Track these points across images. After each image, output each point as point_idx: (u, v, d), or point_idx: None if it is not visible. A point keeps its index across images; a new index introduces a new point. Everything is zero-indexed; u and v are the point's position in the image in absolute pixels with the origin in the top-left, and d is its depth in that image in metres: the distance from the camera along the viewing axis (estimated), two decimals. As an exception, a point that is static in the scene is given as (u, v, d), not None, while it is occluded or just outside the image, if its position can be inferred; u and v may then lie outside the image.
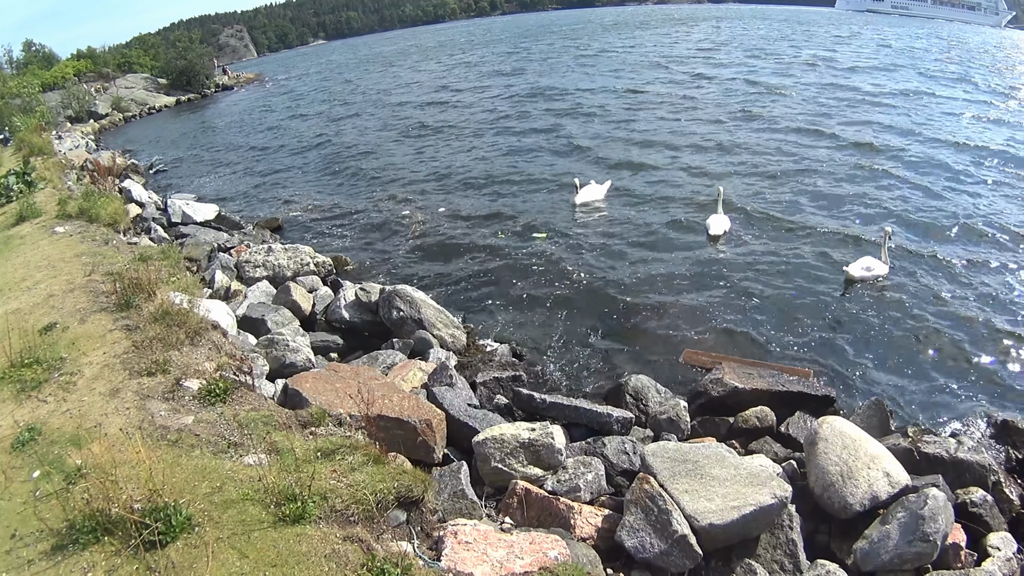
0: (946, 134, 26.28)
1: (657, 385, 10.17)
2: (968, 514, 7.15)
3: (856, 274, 13.89)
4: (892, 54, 54.46)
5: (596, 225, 18.13)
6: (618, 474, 7.94)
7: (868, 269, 13.97)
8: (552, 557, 5.69)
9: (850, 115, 29.74)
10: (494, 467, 7.50)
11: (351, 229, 19.65)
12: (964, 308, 12.91)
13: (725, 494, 6.53)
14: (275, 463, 6.01)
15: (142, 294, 9.64)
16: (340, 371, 9.37)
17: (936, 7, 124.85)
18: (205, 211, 20.25)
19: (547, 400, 9.09)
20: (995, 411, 9.85)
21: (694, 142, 26.27)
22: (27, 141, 27.44)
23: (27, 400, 7.24)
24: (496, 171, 24.15)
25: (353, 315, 12.92)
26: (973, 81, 39.72)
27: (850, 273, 13.91)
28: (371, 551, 5.23)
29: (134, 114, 58.00)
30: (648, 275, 14.91)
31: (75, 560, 4.96)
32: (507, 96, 40.03)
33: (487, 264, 16.19)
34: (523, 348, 12.30)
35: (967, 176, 20.99)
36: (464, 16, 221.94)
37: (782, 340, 12.10)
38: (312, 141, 34.58)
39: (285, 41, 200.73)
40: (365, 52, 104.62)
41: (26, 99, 42.31)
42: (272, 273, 14.69)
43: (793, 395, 9.32)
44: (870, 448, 7.21)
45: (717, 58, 52.05)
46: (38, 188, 19.05)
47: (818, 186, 20.18)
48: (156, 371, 7.76)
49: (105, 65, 72.69)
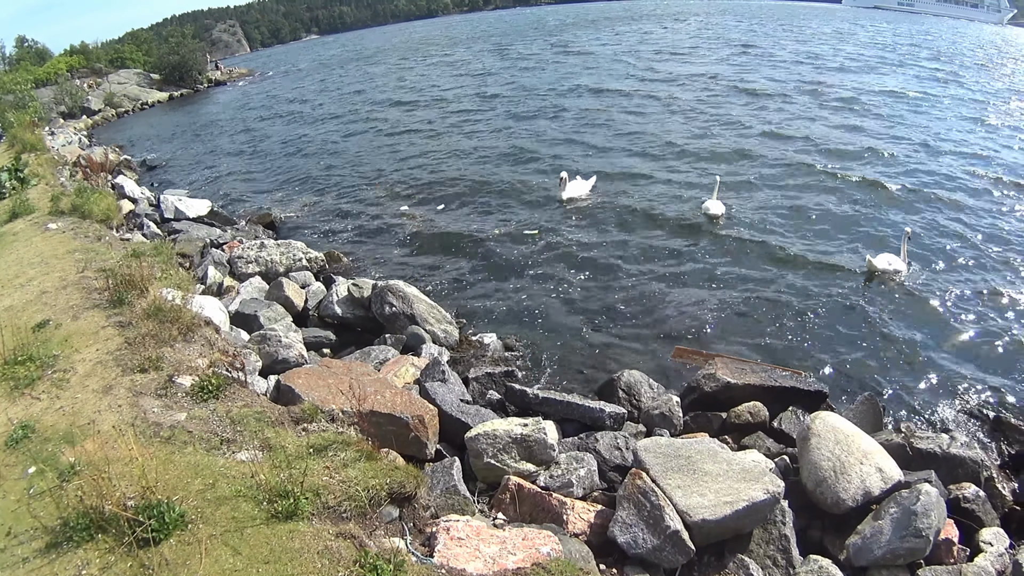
0: (941, 134, 26.42)
1: (650, 380, 10.19)
2: (961, 510, 7.20)
3: (880, 266, 13.90)
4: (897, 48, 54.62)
5: (587, 221, 18.13)
6: (611, 469, 7.95)
7: (890, 264, 13.97)
8: (545, 553, 5.70)
9: (841, 116, 29.82)
10: (487, 463, 7.52)
11: (343, 225, 19.63)
12: (957, 306, 12.99)
13: (718, 489, 6.55)
14: (268, 459, 6.02)
15: (135, 291, 9.63)
16: (332, 367, 9.36)
17: (940, 4, 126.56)
18: (198, 207, 20.18)
19: (539, 395, 9.11)
20: (988, 408, 9.91)
21: (684, 139, 26.28)
22: (20, 137, 27.31)
23: (20, 397, 7.23)
24: (488, 169, 24.10)
25: (346, 311, 12.92)
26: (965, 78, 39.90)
27: (874, 264, 13.92)
28: (364, 547, 5.24)
29: (127, 110, 57.69)
30: (639, 270, 14.97)
31: (69, 557, 4.96)
32: (499, 95, 39.79)
33: (480, 260, 16.22)
34: (516, 343, 12.31)
35: (963, 177, 21.08)
36: (458, 11, 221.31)
37: (775, 335, 12.16)
38: (305, 137, 34.50)
39: (278, 36, 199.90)
40: (358, 47, 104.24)
41: (19, 95, 42.15)
42: (265, 269, 14.68)
43: (786, 391, 9.35)
44: (863, 444, 7.25)
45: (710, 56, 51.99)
46: (31, 184, 18.99)
47: (810, 186, 20.26)
48: (149, 368, 7.76)
49: (98, 61, 72.25)
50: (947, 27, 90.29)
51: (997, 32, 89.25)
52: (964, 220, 17.29)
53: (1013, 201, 18.83)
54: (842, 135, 25.96)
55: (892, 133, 26.23)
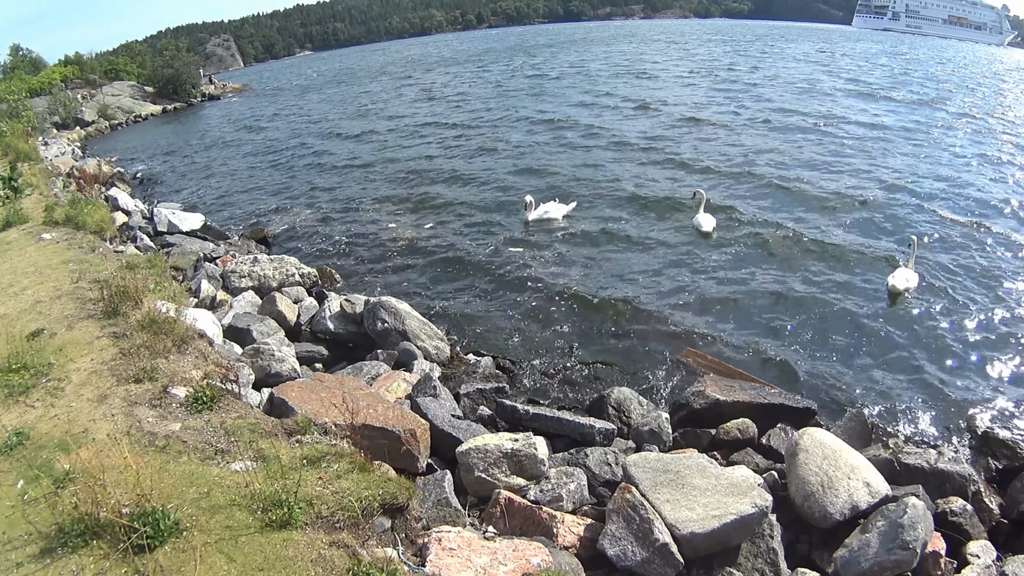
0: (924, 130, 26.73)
1: (639, 397, 10.25)
2: (948, 523, 7.27)
3: (901, 286, 13.83)
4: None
5: (577, 240, 18.21)
6: (600, 484, 8.00)
7: (908, 280, 13.97)
8: (535, 564, 5.76)
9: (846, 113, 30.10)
10: (477, 476, 7.56)
11: (336, 241, 19.67)
12: (947, 322, 13.10)
13: (706, 503, 6.62)
14: (262, 470, 6.06)
15: (129, 302, 9.67)
16: (325, 381, 9.41)
17: (946, 27, 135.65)
18: (191, 221, 20.20)
19: (530, 411, 9.17)
20: (976, 423, 10.02)
21: (667, 158, 26.60)
22: (13, 146, 27.32)
23: (15, 405, 7.25)
24: (479, 188, 24.16)
25: (338, 326, 12.95)
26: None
27: (896, 286, 13.84)
28: (356, 556, 5.29)
29: (120, 122, 57.67)
30: (629, 287, 15.06)
31: (64, 563, 4.99)
32: (491, 116, 39.95)
33: (471, 277, 16.30)
34: (506, 360, 12.36)
35: (960, 183, 21.41)
36: (451, 29, 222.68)
37: (763, 351, 12.24)
38: (298, 153, 34.64)
39: (272, 51, 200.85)
40: (351, 65, 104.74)
41: (12, 104, 42.13)
42: (258, 283, 14.71)
43: (774, 407, 9.43)
44: (850, 459, 7.33)
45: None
46: (24, 194, 18.99)
47: (801, 201, 20.49)
48: (143, 378, 7.79)
49: (92, 72, 72.38)
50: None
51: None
52: (957, 233, 17.53)
53: (1007, 207, 19.29)
54: (835, 151, 26.43)
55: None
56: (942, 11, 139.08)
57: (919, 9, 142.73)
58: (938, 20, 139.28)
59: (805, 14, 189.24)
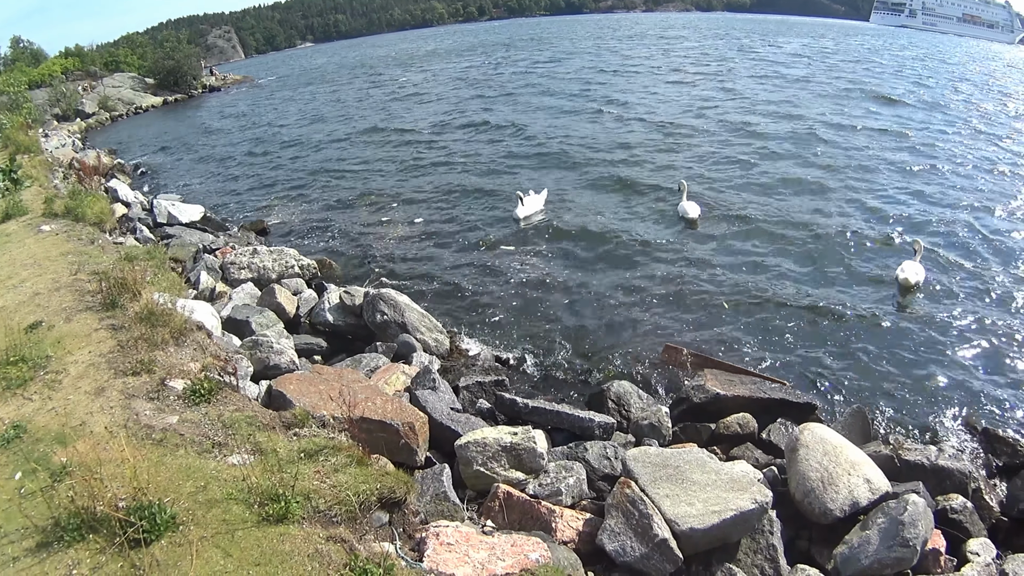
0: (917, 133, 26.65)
1: (639, 391, 10.24)
2: (948, 520, 7.25)
3: (913, 280, 13.69)
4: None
5: (572, 233, 18.08)
6: (599, 479, 7.99)
7: (917, 273, 13.85)
8: (533, 559, 5.74)
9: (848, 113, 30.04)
10: (476, 470, 7.55)
11: (336, 233, 19.62)
12: (948, 317, 13.00)
13: (706, 499, 6.60)
14: (259, 463, 6.04)
15: (127, 294, 9.64)
16: (324, 373, 9.38)
17: (960, 24, 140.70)
18: (191, 212, 20.19)
19: (529, 404, 9.14)
20: (976, 420, 9.97)
21: (649, 152, 26.62)
22: (13, 138, 27.32)
23: (12, 398, 7.24)
24: (479, 181, 24.08)
25: (337, 318, 12.92)
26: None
27: (908, 280, 13.69)
28: (354, 551, 5.27)
29: (121, 114, 57.71)
30: (626, 280, 15.03)
31: (60, 557, 4.98)
32: (491, 109, 39.79)
33: (470, 270, 16.24)
34: (506, 353, 12.33)
35: (957, 185, 21.33)
36: (452, 21, 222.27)
37: (763, 345, 12.18)
38: (299, 145, 34.54)
39: (273, 43, 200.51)
40: (354, 56, 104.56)
41: (13, 96, 42.10)
42: (257, 275, 14.67)
43: (775, 402, 9.41)
44: (851, 455, 7.30)
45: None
46: (24, 186, 18.92)
47: (795, 190, 20.57)
48: (141, 371, 7.77)
49: (92, 64, 72.25)
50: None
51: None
52: (958, 229, 17.43)
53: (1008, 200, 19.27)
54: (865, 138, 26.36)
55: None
56: (956, 9, 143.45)
57: (935, 7, 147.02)
58: (953, 18, 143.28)
59: (808, 8, 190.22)
